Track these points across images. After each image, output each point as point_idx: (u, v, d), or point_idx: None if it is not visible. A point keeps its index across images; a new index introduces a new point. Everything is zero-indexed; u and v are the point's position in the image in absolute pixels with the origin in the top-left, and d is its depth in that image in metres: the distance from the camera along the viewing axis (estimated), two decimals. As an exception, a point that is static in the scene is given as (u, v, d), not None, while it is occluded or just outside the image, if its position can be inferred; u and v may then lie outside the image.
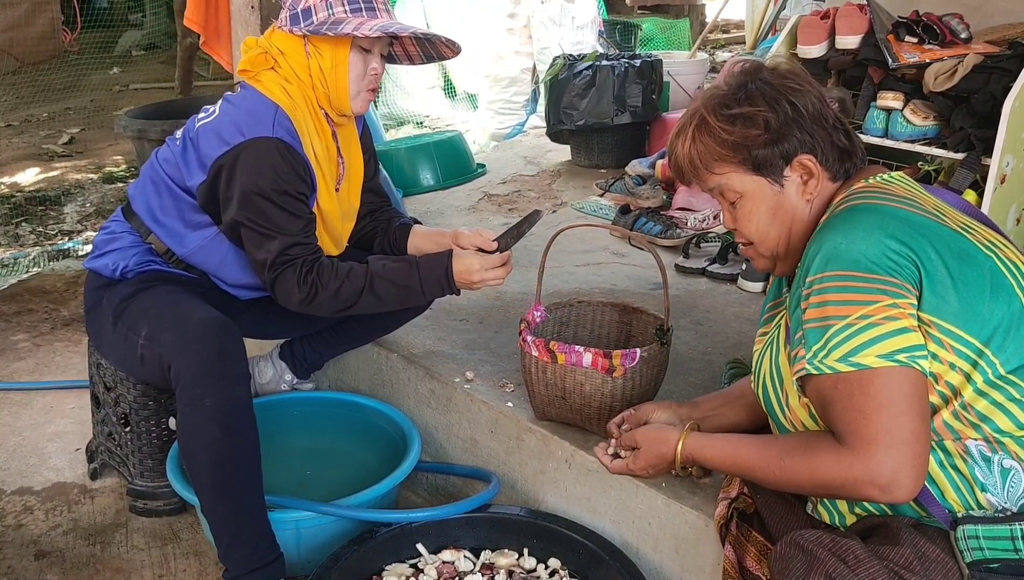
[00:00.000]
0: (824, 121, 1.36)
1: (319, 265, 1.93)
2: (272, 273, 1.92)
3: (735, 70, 1.42)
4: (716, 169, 1.40)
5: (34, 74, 7.76)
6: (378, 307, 1.99)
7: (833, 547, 1.20)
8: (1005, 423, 1.23)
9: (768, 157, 1.36)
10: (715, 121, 1.38)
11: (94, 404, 2.36)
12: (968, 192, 2.73)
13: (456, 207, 3.79)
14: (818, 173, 1.37)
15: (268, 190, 1.87)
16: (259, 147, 1.88)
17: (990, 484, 1.22)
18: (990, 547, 1.18)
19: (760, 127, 1.35)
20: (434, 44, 2.09)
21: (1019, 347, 1.23)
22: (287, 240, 1.91)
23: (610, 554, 1.81)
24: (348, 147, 2.13)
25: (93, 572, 2.09)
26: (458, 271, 1.96)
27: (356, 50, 1.95)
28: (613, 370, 1.84)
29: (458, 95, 6.66)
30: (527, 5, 5.70)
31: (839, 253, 1.24)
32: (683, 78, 4.74)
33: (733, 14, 7.91)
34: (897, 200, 1.31)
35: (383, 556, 1.90)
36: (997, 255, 1.27)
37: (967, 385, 1.23)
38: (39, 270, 4.04)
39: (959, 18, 2.95)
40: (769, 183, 1.38)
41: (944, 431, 1.24)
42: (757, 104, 1.35)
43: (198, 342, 1.83)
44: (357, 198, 2.20)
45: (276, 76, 1.97)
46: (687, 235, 3.15)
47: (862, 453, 1.20)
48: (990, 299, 1.23)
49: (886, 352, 1.19)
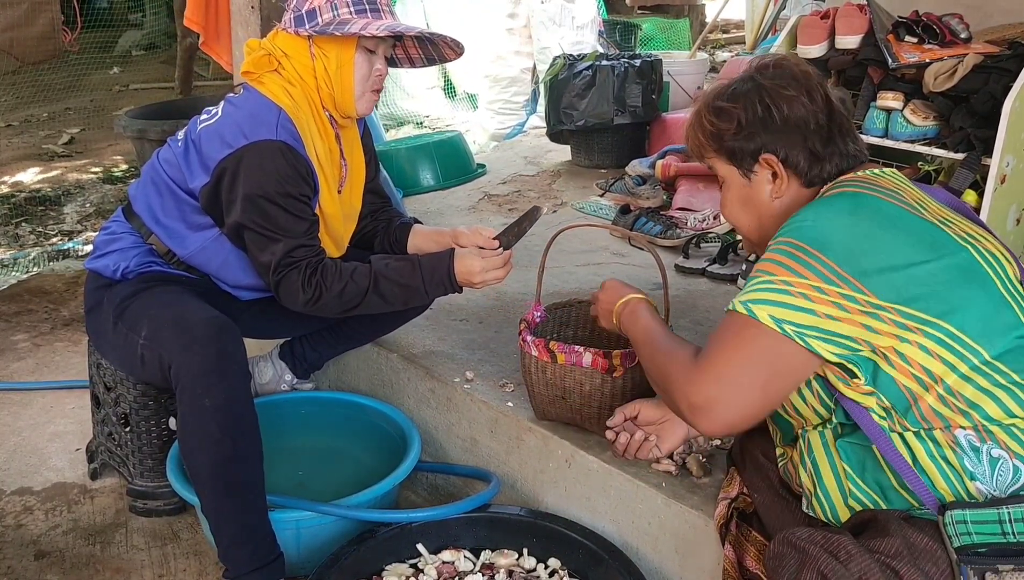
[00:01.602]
0: (802, 127, 1.43)
1: (323, 267, 1.94)
2: (277, 275, 1.92)
3: (755, 62, 1.52)
4: (706, 154, 1.53)
5: (34, 74, 7.77)
6: (383, 307, 2.00)
7: (825, 544, 1.21)
8: (994, 410, 1.24)
9: (738, 150, 1.46)
10: (704, 110, 1.50)
11: (94, 404, 2.36)
12: (968, 192, 2.74)
13: (456, 207, 3.79)
14: (782, 173, 1.44)
15: (272, 193, 1.88)
16: (262, 150, 1.88)
17: (979, 473, 1.23)
18: (978, 531, 1.19)
19: (732, 122, 1.46)
20: (437, 46, 2.10)
21: (1001, 332, 1.26)
22: (291, 242, 1.91)
23: (610, 554, 1.81)
24: (351, 149, 2.13)
25: (93, 572, 2.09)
26: (459, 271, 1.97)
27: (361, 51, 1.96)
28: (613, 370, 1.84)
29: (458, 95, 6.66)
30: (527, 5, 5.70)
31: (804, 227, 1.31)
32: (683, 78, 4.74)
33: (733, 14, 7.90)
34: (880, 190, 1.35)
35: (383, 556, 1.90)
36: (974, 246, 1.31)
37: (950, 372, 1.24)
38: (39, 270, 4.05)
39: (959, 18, 2.95)
40: (740, 174, 1.48)
41: (933, 418, 1.25)
42: (736, 101, 1.46)
43: (199, 342, 1.83)
44: (359, 200, 2.20)
45: (279, 78, 1.97)
46: (687, 235, 3.15)
47: (699, 373, 1.30)
48: (962, 286, 1.26)
49: (779, 317, 1.26)
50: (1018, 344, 1.26)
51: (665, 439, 1.69)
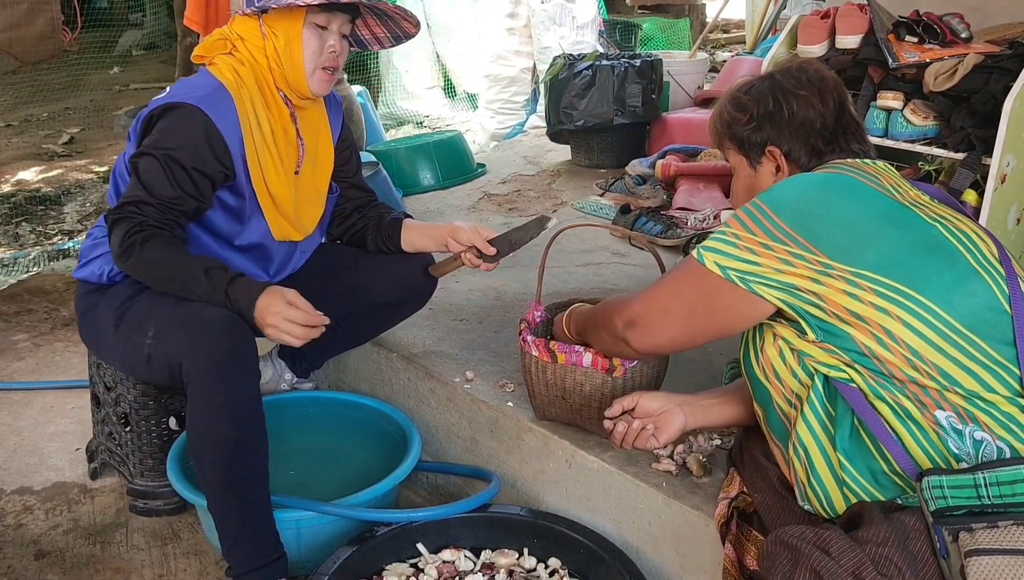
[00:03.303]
0: (807, 126, 1.53)
1: (152, 234, 1.86)
2: (114, 215, 1.89)
3: (781, 65, 1.65)
4: (723, 141, 1.65)
5: (34, 74, 7.76)
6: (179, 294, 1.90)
7: (816, 540, 1.22)
8: (972, 384, 1.27)
9: (747, 140, 1.58)
10: (726, 104, 1.64)
11: (94, 404, 2.36)
12: (968, 192, 2.74)
13: (456, 207, 3.79)
14: (784, 166, 1.55)
15: (164, 150, 1.87)
16: (180, 111, 1.89)
17: (964, 455, 1.26)
18: (954, 495, 1.20)
19: (745, 114, 1.58)
20: (395, 20, 2.09)
21: (968, 302, 1.30)
22: (148, 198, 1.87)
23: (610, 554, 1.81)
24: (312, 130, 2.10)
25: (93, 572, 2.09)
26: (260, 307, 1.83)
27: (310, 27, 1.94)
28: (613, 370, 1.84)
29: (458, 95, 6.67)
30: (527, 5, 5.71)
31: (772, 191, 1.42)
32: (683, 78, 4.74)
33: (733, 14, 7.90)
34: (857, 173, 1.43)
35: (383, 556, 1.90)
36: (944, 225, 1.37)
37: (912, 335, 1.28)
38: (39, 270, 4.05)
39: (959, 18, 2.95)
40: (748, 164, 1.60)
41: (908, 384, 1.28)
42: (753, 96, 1.58)
43: (213, 339, 1.81)
44: (324, 184, 2.17)
45: (231, 60, 1.97)
46: (687, 235, 3.15)
47: (636, 299, 1.53)
48: (922, 255, 1.32)
49: (723, 264, 1.38)
50: (991, 318, 1.29)
51: (663, 430, 1.69)
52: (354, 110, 4.75)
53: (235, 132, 1.93)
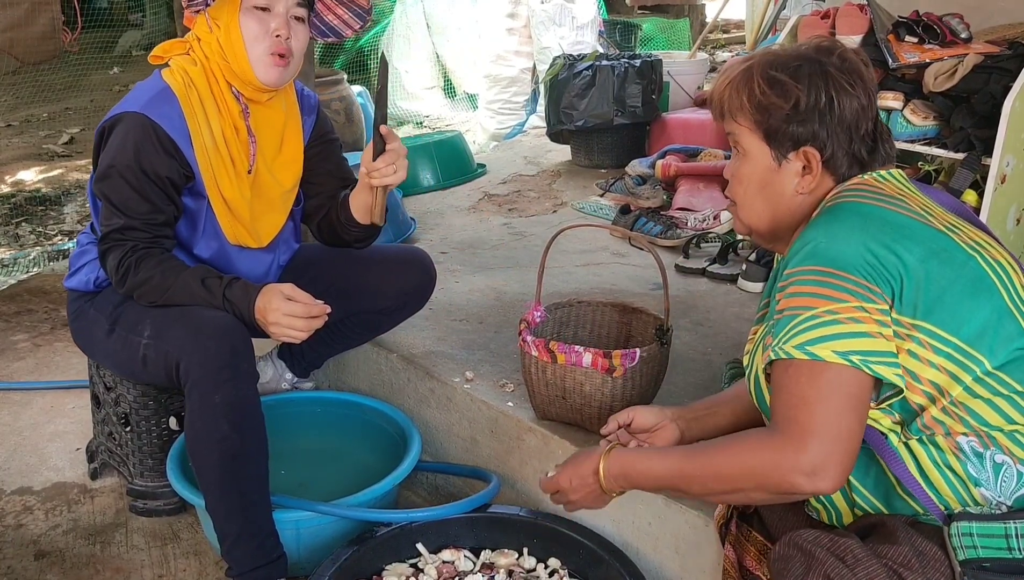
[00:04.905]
0: (853, 129, 1.35)
1: (145, 254, 1.89)
2: (103, 246, 1.92)
3: (813, 42, 1.40)
4: (738, 119, 1.40)
5: (34, 74, 7.76)
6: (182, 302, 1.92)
7: (832, 547, 1.20)
8: (993, 418, 1.23)
9: (780, 131, 1.36)
10: (758, 76, 1.37)
11: (94, 404, 2.36)
12: (968, 192, 2.74)
13: (456, 207, 3.79)
14: (817, 171, 1.36)
15: (122, 165, 1.87)
16: (125, 121, 1.90)
17: (983, 479, 1.23)
18: (984, 545, 1.18)
19: (789, 101, 1.34)
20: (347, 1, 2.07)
21: (1004, 343, 1.24)
22: (128, 221, 1.89)
23: (610, 554, 1.82)
24: (268, 126, 2.05)
25: (93, 572, 2.09)
26: (259, 308, 1.86)
27: (248, 11, 1.91)
28: (613, 370, 1.84)
29: (458, 95, 6.66)
30: (527, 5, 5.70)
31: (818, 250, 1.26)
32: (683, 78, 4.74)
33: (733, 14, 7.89)
34: (884, 200, 1.31)
35: (383, 556, 1.90)
36: (981, 255, 1.28)
37: (955, 384, 1.23)
38: (39, 270, 4.05)
39: (959, 18, 2.95)
40: (772, 157, 1.38)
41: (934, 425, 1.25)
42: (800, 81, 1.34)
43: (211, 339, 1.81)
44: (288, 182, 2.11)
45: (185, 60, 1.97)
46: (687, 235, 3.15)
47: (796, 439, 1.20)
48: (971, 298, 1.24)
49: (842, 350, 1.20)
50: (1020, 355, 1.25)
51: None
52: (354, 110, 4.76)
53: (183, 133, 1.92)
